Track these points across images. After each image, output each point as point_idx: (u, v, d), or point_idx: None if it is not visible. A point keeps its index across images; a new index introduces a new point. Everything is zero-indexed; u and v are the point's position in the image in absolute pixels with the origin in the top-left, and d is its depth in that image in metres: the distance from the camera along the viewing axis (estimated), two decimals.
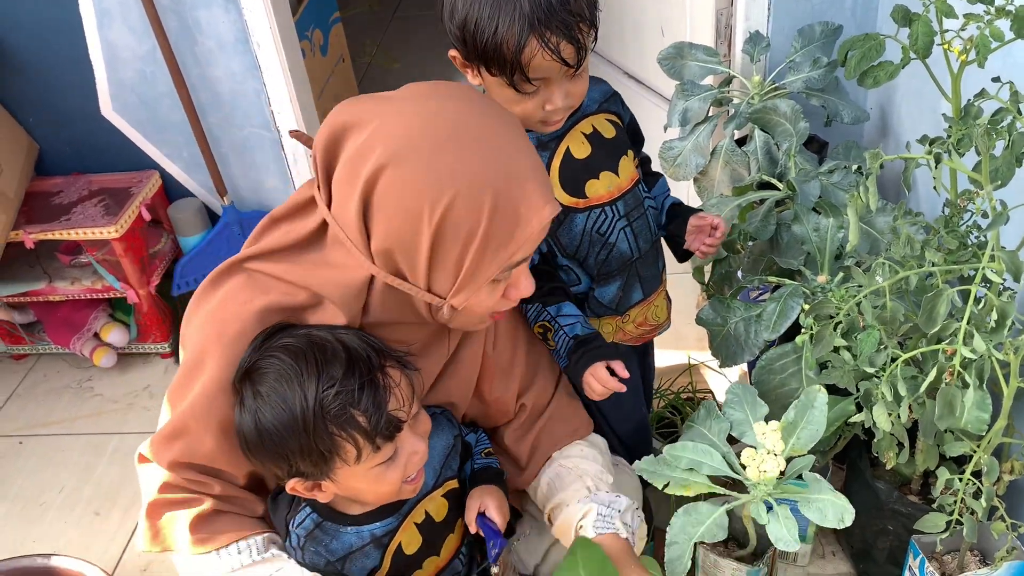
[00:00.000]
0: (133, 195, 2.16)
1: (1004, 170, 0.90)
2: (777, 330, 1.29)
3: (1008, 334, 0.93)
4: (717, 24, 2.08)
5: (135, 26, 2.04)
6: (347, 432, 0.94)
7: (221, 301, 1.03)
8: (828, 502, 1.01)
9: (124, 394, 2.21)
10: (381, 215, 0.93)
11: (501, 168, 0.93)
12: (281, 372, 0.94)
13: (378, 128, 0.92)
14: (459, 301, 0.98)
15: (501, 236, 0.93)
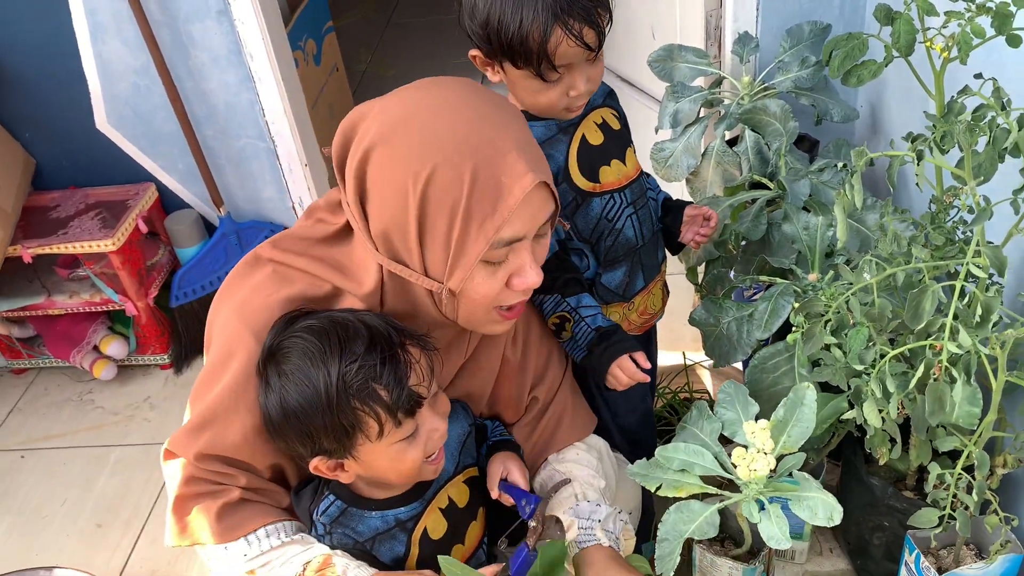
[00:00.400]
0: (130, 208, 2.17)
1: (987, 166, 0.91)
2: (769, 329, 1.30)
3: (995, 329, 0.94)
4: (707, 26, 2.09)
5: (129, 40, 2.06)
6: (369, 407, 0.96)
7: (247, 295, 1.05)
8: (818, 500, 1.01)
9: (125, 406, 2.22)
10: (374, 195, 0.96)
11: (484, 137, 0.94)
12: (304, 351, 0.96)
13: (376, 115, 0.96)
14: (455, 283, 0.97)
15: (484, 207, 0.94)
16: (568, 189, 1.28)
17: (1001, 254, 0.90)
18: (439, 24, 4.18)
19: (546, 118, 1.26)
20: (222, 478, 1.04)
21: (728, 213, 1.58)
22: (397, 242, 0.98)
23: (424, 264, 0.98)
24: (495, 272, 1.00)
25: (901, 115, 1.73)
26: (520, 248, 1.00)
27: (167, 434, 1.39)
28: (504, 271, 1.00)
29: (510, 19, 1.10)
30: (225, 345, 1.04)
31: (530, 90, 1.19)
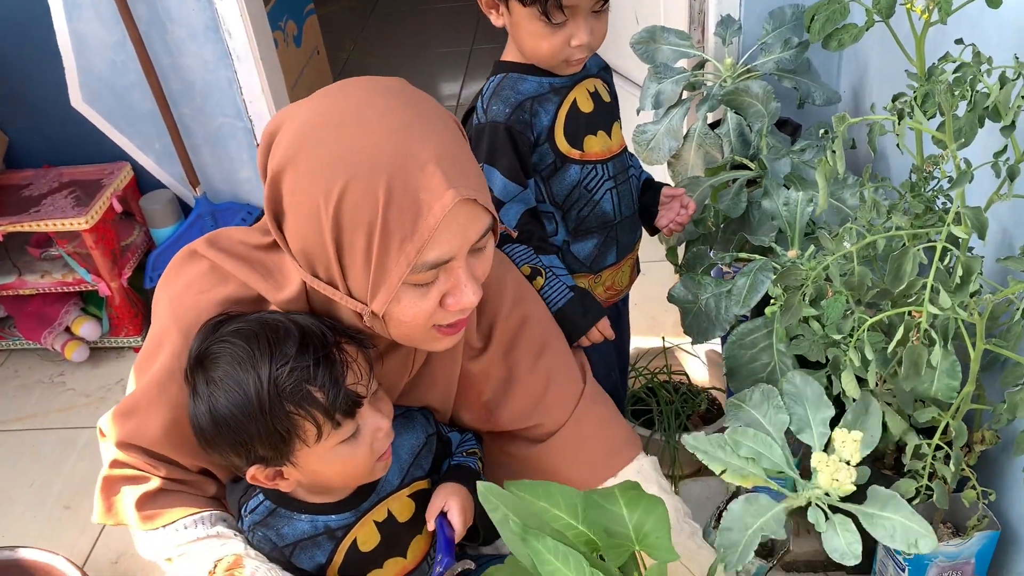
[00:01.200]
0: (104, 187, 2.13)
1: (967, 130, 0.89)
2: (747, 304, 1.28)
3: (975, 296, 0.93)
4: (690, 10, 2.08)
5: (104, 15, 2.02)
6: (305, 410, 0.90)
7: (181, 289, 1.01)
8: (897, 523, 0.88)
9: (97, 388, 2.18)
10: (289, 215, 0.89)
11: (397, 150, 0.85)
12: (233, 355, 0.91)
13: (289, 123, 0.89)
14: (379, 306, 0.89)
15: (402, 226, 0.85)
16: (549, 151, 1.27)
17: (982, 215, 0.89)
18: (424, 14, 4.16)
19: (542, 73, 1.25)
20: (143, 467, 1.02)
21: (709, 193, 1.57)
22: (316, 261, 0.91)
23: (347, 285, 0.91)
24: (426, 293, 0.91)
25: (883, 99, 1.73)
26: (451, 268, 0.91)
27: None
28: (436, 291, 0.92)
29: None
30: (156, 336, 1.01)
31: (533, 34, 1.18)
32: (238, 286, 0.99)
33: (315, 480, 0.99)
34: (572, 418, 1.14)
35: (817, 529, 0.91)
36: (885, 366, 1.09)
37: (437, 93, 3.45)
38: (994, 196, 0.99)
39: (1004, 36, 1.12)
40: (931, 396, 1.04)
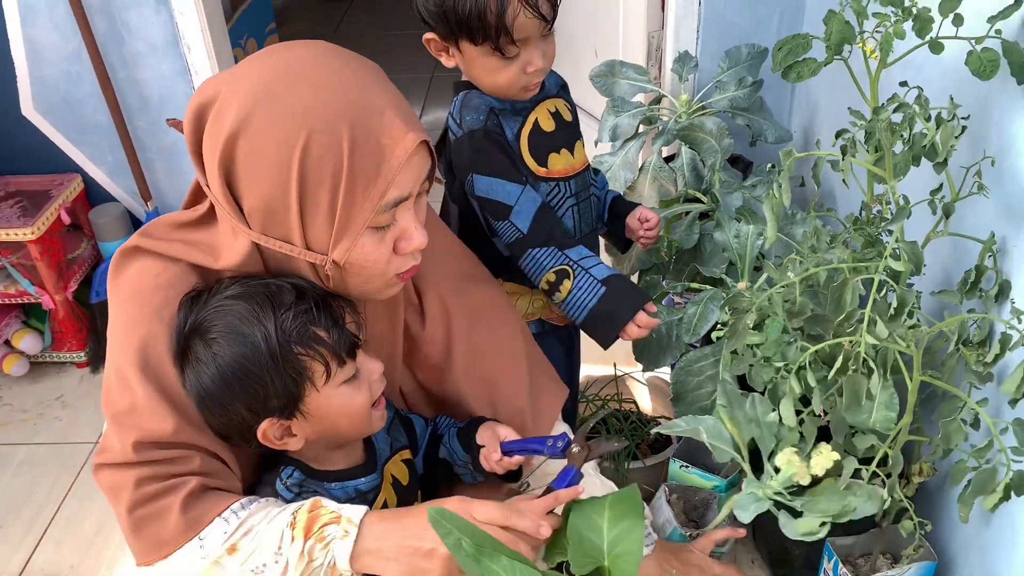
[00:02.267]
0: (52, 198, 2.09)
1: (902, 165, 0.94)
2: (697, 333, 1.31)
3: (910, 327, 0.96)
4: (649, 46, 2.13)
5: (60, 24, 2.00)
6: (314, 349, 0.94)
7: (136, 278, 0.99)
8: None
9: (35, 404, 2.12)
10: (245, 173, 0.91)
11: (355, 100, 0.90)
12: (234, 314, 0.93)
13: (231, 91, 0.91)
14: (340, 254, 0.94)
15: (367, 171, 0.90)
16: (522, 162, 1.28)
17: (919, 250, 0.92)
18: (384, 39, 4.19)
19: (507, 100, 1.26)
20: (172, 465, 0.95)
21: (663, 224, 1.60)
22: (276, 218, 0.93)
23: (305, 238, 0.94)
24: (383, 238, 0.96)
25: (831, 136, 1.78)
26: (403, 209, 0.97)
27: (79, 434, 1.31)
28: (390, 235, 0.97)
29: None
30: (127, 329, 0.97)
31: (489, 69, 1.19)
32: (186, 265, 0.99)
33: (323, 430, 1.01)
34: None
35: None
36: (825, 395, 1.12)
37: None
38: (931, 233, 1.03)
39: (946, 80, 1.17)
40: (870, 427, 1.07)
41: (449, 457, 1.18)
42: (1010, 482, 0.94)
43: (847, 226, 1.03)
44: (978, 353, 1.03)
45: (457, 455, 1.17)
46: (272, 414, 0.96)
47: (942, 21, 0.96)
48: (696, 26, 1.95)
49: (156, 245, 1.00)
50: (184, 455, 0.96)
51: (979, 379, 1.02)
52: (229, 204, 0.93)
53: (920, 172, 1.04)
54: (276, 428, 0.98)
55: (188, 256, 0.99)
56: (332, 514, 0.95)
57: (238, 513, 0.95)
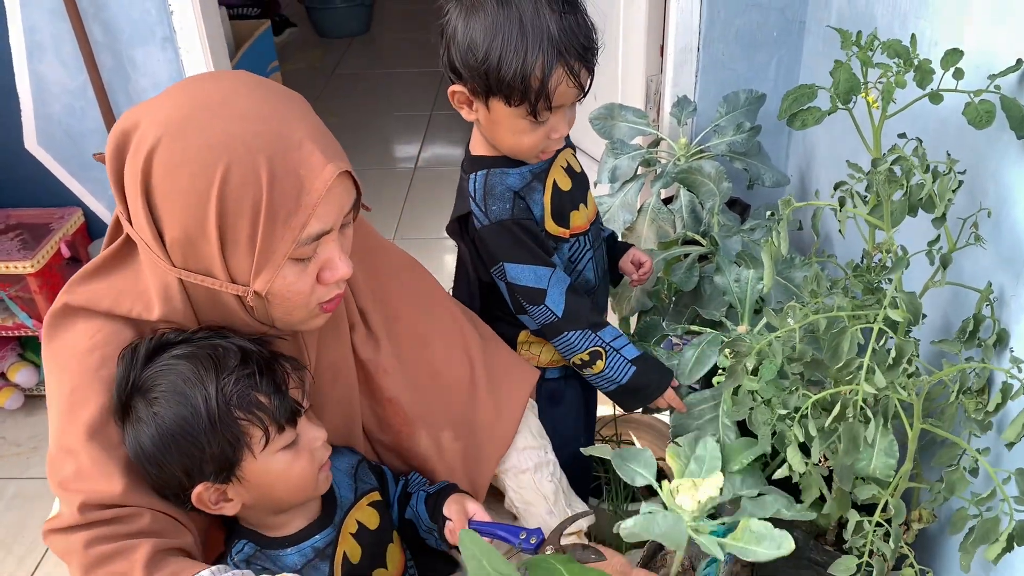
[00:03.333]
0: (53, 231, 2.10)
1: (897, 214, 0.95)
2: (693, 376, 1.31)
3: (911, 378, 0.97)
4: (647, 90, 2.16)
5: (67, 60, 2.02)
6: (254, 414, 0.94)
7: (67, 347, 0.97)
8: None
9: (29, 437, 2.11)
10: (164, 204, 0.90)
11: (274, 131, 0.89)
12: (177, 374, 0.92)
13: (149, 119, 0.90)
14: (262, 284, 0.92)
15: (287, 203, 0.89)
16: (545, 237, 1.28)
17: (917, 301, 0.93)
18: (384, 77, 4.23)
19: (517, 163, 1.25)
20: (120, 525, 0.92)
21: (662, 266, 1.61)
22: (197, 250, 0.92)
23: (228, 270, 0.92)
24: (305, 268, 0.95)
25: (828, 182, 1.81)
26: (327, 241, 0.96)
27: None
28: (314, 266, 0.96)
29: (512, 55, 1.09)
30: (67, 397, 0.94)
31: (515, 131, 1.17)
32: (120, 320, 0.97)
33: (261, 496, 0.99)
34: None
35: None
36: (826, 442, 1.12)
37: (395, 155, 3.49)
38: (929, 283, 1.04)
39: (945, 129, 1.19)
40: (870, 474, 1.08)
41: (414, 519, 1.16)
42: (1013, 532, 0.94)
43: (848, 273, 1.04)
44: (977, 401, 1.04)
45: (423, 520, 1.15)
46: (207, 478, 0.95)
47: (943, 74, 0.98)
48: (695, 71, 1.98)
49: (86, 299, 0.97)
50: (132, 513, 0.93)
51: (979, 428, 1.02)
52: (153, 237, 0.92)
53: (919, 222, 1.05)
54: (211, 492, 0.96)
55: (119, 307, 0.97)
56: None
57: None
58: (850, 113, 1.02)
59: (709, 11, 1.90)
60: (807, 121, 1.01)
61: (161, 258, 0.93)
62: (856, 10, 1.59)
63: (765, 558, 0.99)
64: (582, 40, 1.11)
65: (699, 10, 1.91)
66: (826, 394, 1.02)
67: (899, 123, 1.11)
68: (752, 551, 1.00)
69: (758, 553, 0.99)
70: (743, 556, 1.01)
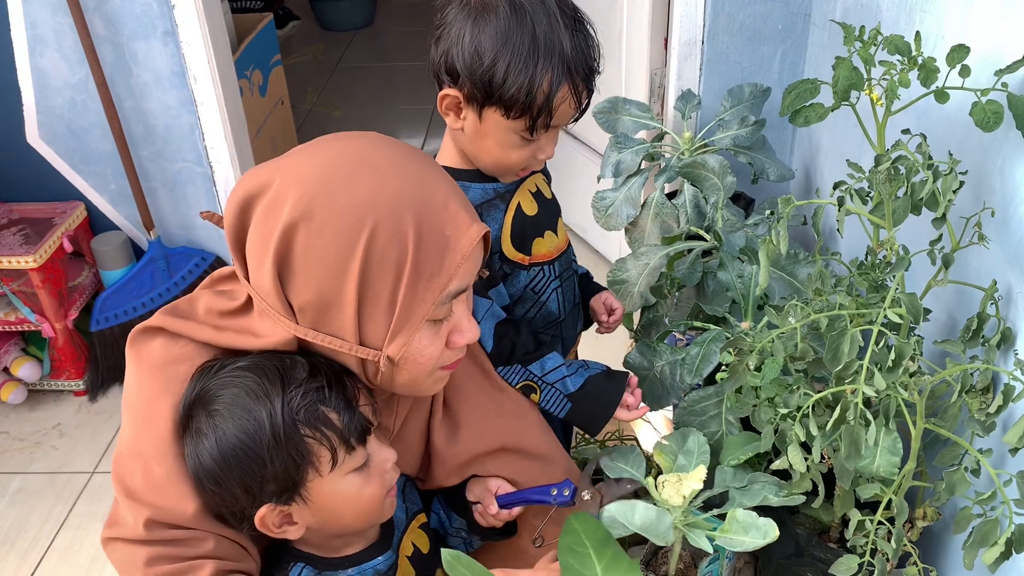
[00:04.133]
0: (55, 225, 2.10)
1: (899, 213, 0.94)
2: (700, 374, 1.30)
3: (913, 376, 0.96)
4: (651, 83, 2.15)
5: (68, 54, 2.02)
6: (321, 432, 0.88)
7: (153, 356, 0.94)
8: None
9: (32, 432, 2.11)
10: (302, 267, 0.86)
11: (418, 190, 0.87)
12: (241, 386, 0.87)
13: (283, 181, 0.87)
14: (395, 349, 0.89)
15: (431, 263, 0.87)
16: (497, 260, 1.23)
17: (917, 302, 0.92)
18: (387, 71, 4.22)
19: (485, 178, 1.21)
20: (185, 547, 0.89)
21: (665, 261, 1.60)
22: (330, 314, 0.88)
23: (360, 333, 0.89)
24: (438, 331, 0.93)
25: (833, 177, 1.79)
26: (459, 301, 0.94)
27: (76, 463, 1.26)
28: (444, 329, 0.94)
29: (522, 67, 1.04)
30: (145, 411, 0.92)
31: (504, 145, 1.13)
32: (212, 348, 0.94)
33: (326, 520, 0.94)
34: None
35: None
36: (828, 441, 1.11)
37: None
38: (931, 282, 1.03)
39: (950, 126, 1.18)
40: (873, 472, 1.07)
41: (440, 527, 1.14)
42: (1012, 537, 0.93)
43: (852, 271, 1.03)
44: (981, 401, 1.03)
45: (450, 522, 1.13)
46: (269, 498, 0.89)
47: (949, 71, 0.96)
48: (699, 65, 1.96)
49: (183, 328, 0.94)
50: (198, 536, 0.90)
51: (982, 429, 1.01)
52: (280, 300, 0.88)
53: (923, 220, 1.04)
54: (275, 515, 0.91)
55: (217, 340, 0.93)
56: None
57: None
58: (853, 109, 1.00)
59: (713, 4, 1.88)
60: (810, 118, 1.00)
61: (288, 319, 0.89)
62: (862, 3, 1.57)
63: (752, 547, 0.98)
64: (589, 61, 1.09)
65: (703, 3, 1.90)
66: (827, 393, 1.02)
67: (905, 118, 1.09)
68: (740, 541, 0.99)
69: (745, 543, 0.99)
70: (730, 547, 1.01)
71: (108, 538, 0.91)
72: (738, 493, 1.12)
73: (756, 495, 1.12)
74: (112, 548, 0.91)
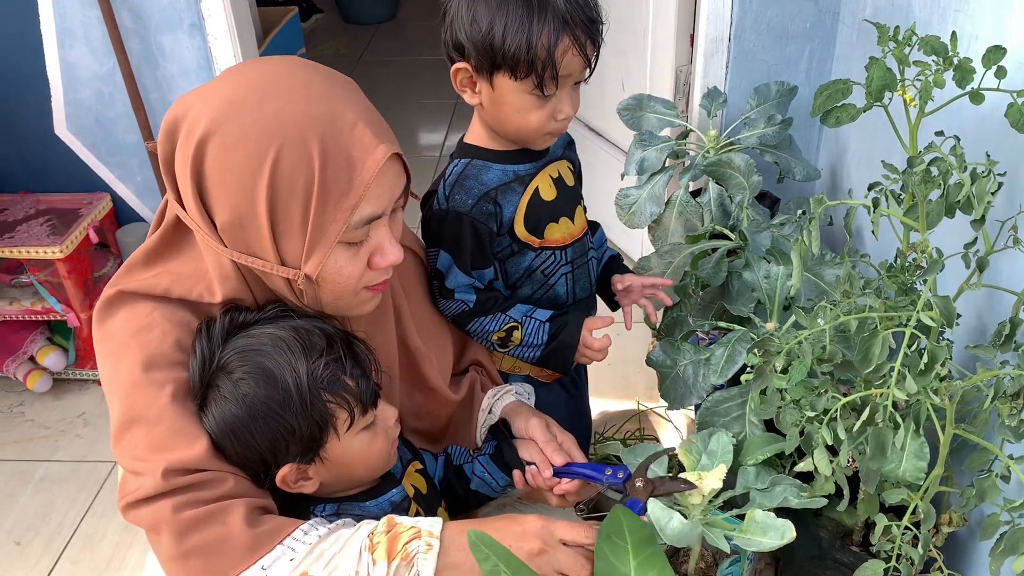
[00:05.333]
0: (82, 216, 2.11)
1: (933, 216, 0.93)
2: (725, 374, 1.30)
3: (944, 381, 0.95)
4: (676, 80, 2.13)
5: (96, 47, 2.03)
6: (341, 397, 0.96)
7: (123, 327, 0.96)
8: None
9: (57, 420, 2.13)
10: (216, 188, 0.91)
11: (325, 113, 0.90)
12: (264, 354, 0.93)
13: (201, 104, 0.91)
14: (312, 267, 0.93)
15: (339, 184, 0.90)
16: (507, 238, 1.26)
17: (951, 305, 0.91)
18: (410, 63, 4.22)
19: (507, 159, 1.23)
20: (207, 489, 0.90)
21: (689, 260, 1.59)
22: (247, 234, 0.92)
23: (279, 253, 0.93)
24: (356, 253, 0.96)
25: (860, 177, 1.78)
26: (378, 225, 0.96)
27: (100, 452, 1.25)
28: (365, 251, 0.97)
29: (519, 26, 1.09)
30: (132, 377, 0.93)
31: (521, 108, 1.16)
32: (175, 301, 0.97)
33: (340, 474, 1.02)
34: None
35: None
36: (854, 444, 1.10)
37: (420, 143, 3.48)
38: (964, 285, 1.02)
39: (984, 128, 1.16)
40: (900, 477, 1.06)
41: (483, 487, 1.18)
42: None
43: (881, 273, 1.02)
44: (1012, 407, 1.02)
45: (494, 482, 1.17)
46: (292, 458, 0.96)
47: (984, 72, 0.95)
48: (725, 62, 1.95)
49: (141, 284, 0.97)
50: (217, 477, 0.92)
51: (1013, 435, 1.00)
52: (204, 221, 0.93)
53: (955, 223, 1.03)
54: (294, 473, 0.98)
55: (178, 290, 0.97)
56: (411, 529, 0.92)
57: (303, 539, 0.91)
58: (886, 110, 0.99)
59: (741, 1, 1.87)
60: (841, 118, 0.99)
61: (212, 240, 0.94)
62: (893, 2, 1.55)
63: (770, 548, 0.98)
64: (588, 13, 1.12)
65: (731, 0, 1.88)
66: (855, 397, 1.01)
67: (936, 120, 1.08)
68: (758, 542, 0.99)
69: (763, 544, 0.99)
70: (748, 547, 1.00)
71: (128, 504, 0.92)
72: (759, 494, 1.11)
73: (777, 497, 1.12)
74: (135, 512, 0.92)
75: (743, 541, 1.01)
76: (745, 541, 1.01)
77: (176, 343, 0.95)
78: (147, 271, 0.99)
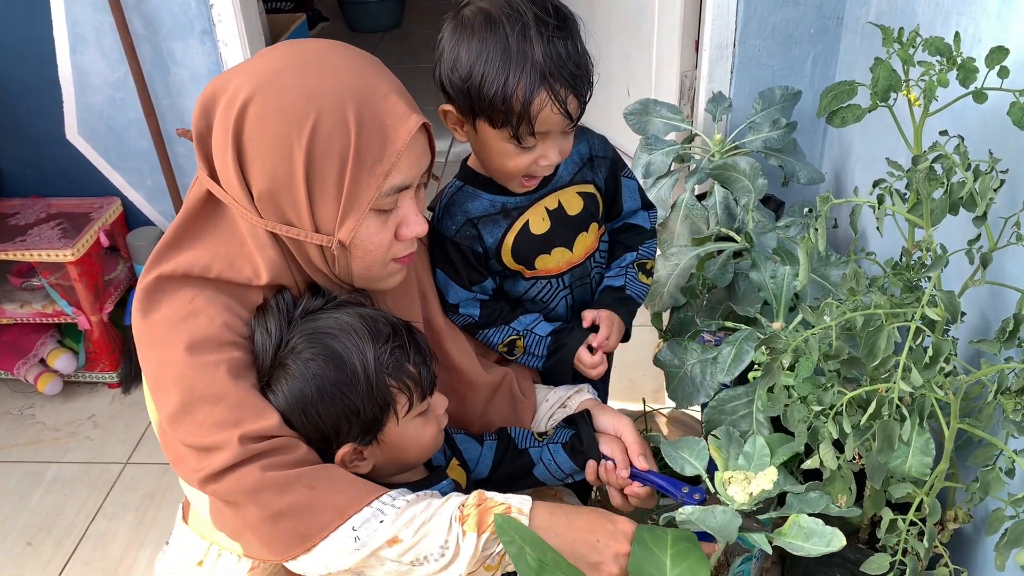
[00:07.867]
0: (92, 220, 2.13)
1: (938, 213, 0.95)
2: (731, 373, 1.31)
3: (950, 376, 0.96)
4: (681, 85, 2.16)
5: (108, 52, 2.05)
6: (404, 383, 1.01)
7: (165, 318, 0.98)
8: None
9: (67, 423, 2.15)
10: (254, 155, 0.94)
11: (361, 83, 0.95)
12: (333, 337, 0.98)
13: (240, 80, 0.95)
14: (345, 233, 0.96)
15: (373, 150, 0.94)
16: (496, 263, 1.26)
17: (955, 300, 0.93)
18: (414, 71, 4.24)
19: (497, 191, 1.23)
20: (284, 454, 0.93)
21: (696, 261, 1.61)
22: (284, 200, 0.96)
23: (314, 220, 0.97)
24: (386, 222, 1.00)
25: (864, 181, 1.79)
26: (406, 196, 1.01)
27: (109, 454, 1.25)
28: (392, 220, 1.01)
29: (495, 76, 1.05)
30: (186, 359, 0.95)
31: (501, 153, 1.14)
32: (214, 284, 0.99)
33: (393, 457, 1.06)
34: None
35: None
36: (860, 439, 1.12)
37: None
38: (968, 281, 1.04)
39: (987, 127, 1.18)
40: (905, 472, 1.07)
41: (544, 474, 1.21)
42: None
43: (887, 271, 1.04)
44: (1016, 402, 1.03)
45: (559, 470, 1.20)
46: (353, 438, 1.01)
47: (987, 72, 0.97)
48: (730, 67, 1.97)
49: (179, 264, 0.98)
50: (291, 443, 0.95)
51: (1017, 429, 1.02)
52: (242, 191, 0.96)
53: (959, 220, 1.05)
54: (351, 452, 1.03)
55: (218, 266, 0.99)
56: (501, 505, 0.97)
57: (392, 503, 0.95)
58: (890, 110, 1.01)
59: (746, 6, 1.89)
60: (847, 118, 1.01)
61: (248, 211, 0.97)
62: (896, 6, 1.58)
63: (815, 554, 0.98)
64: (570, 67, 1.07)
65: (735, 5, 1.90)
66: (862, 391, 1.02)
67: (940, 120, 1.10)
68: (800, 546, 0.99)
69: (806, 548, 0.98)
70: (791, 551, 1.00)
71: (208, 476, 0.92)
72: (796, 499, 1.10)
73: (814, 504, 1.10)
74: (215, 485, 0.92)
75: (786, 545, 1.01)
76: (788, 545, 1.00)
77: (224, 325, 0.98)
78: (181, 252, 1.00)
